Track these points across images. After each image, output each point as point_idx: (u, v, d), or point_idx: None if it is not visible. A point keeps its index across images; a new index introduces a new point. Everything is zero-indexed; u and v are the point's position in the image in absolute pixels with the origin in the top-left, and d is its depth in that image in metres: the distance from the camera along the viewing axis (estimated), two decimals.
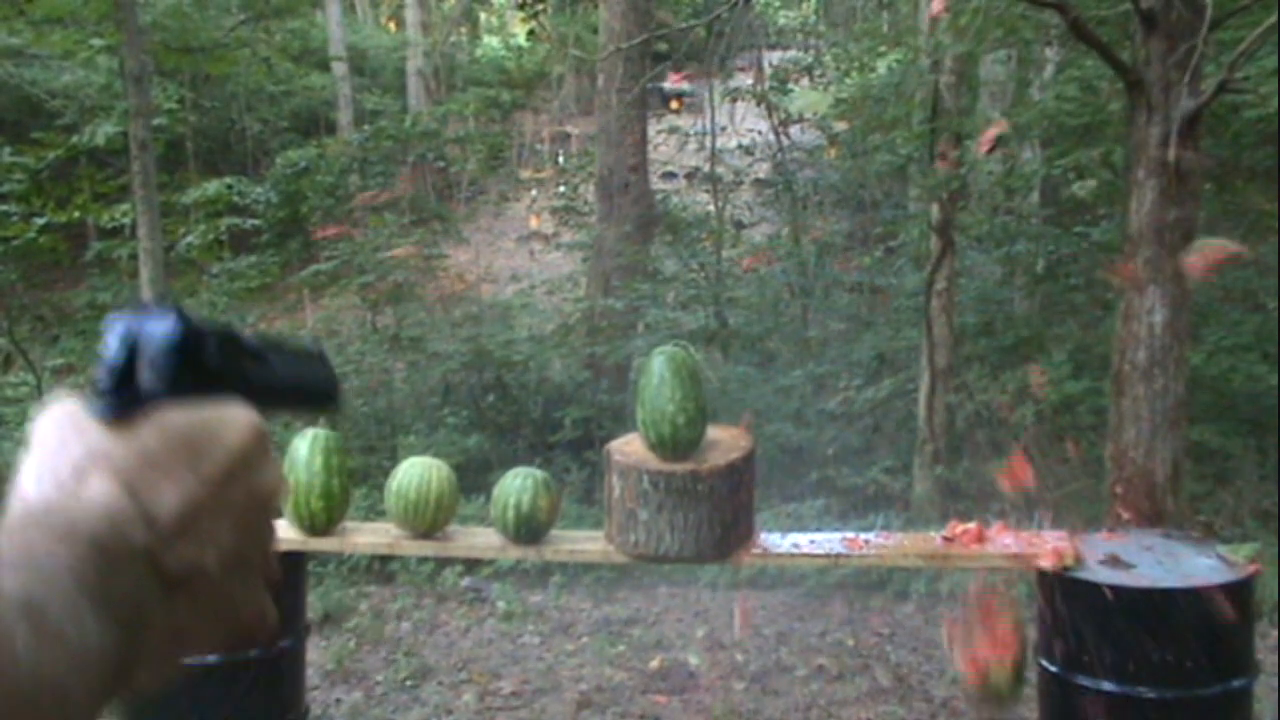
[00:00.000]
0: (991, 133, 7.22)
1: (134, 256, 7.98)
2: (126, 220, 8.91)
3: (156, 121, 8.82)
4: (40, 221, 8.62)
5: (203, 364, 0.58)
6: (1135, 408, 4.73)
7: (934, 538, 3.85)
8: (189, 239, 9.50)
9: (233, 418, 0.58)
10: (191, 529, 0.54)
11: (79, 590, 0.47)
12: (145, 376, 0.56)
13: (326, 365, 0.74)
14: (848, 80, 13.78)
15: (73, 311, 9.97)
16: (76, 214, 8.95)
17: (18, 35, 9.54)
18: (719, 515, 3.61)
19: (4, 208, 8.65)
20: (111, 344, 0.56)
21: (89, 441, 0.55)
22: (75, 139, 9.23)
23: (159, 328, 0.57)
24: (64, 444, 0.55)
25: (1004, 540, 3.72)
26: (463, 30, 22.63)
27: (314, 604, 5.72)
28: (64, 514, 0.51)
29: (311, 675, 4.93)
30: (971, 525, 3.75)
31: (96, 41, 8.93)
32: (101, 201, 9.44)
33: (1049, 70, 10.47)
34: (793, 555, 3.70)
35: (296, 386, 0.69)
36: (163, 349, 0.56)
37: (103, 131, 9.05)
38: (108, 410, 0.55)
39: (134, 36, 7.20)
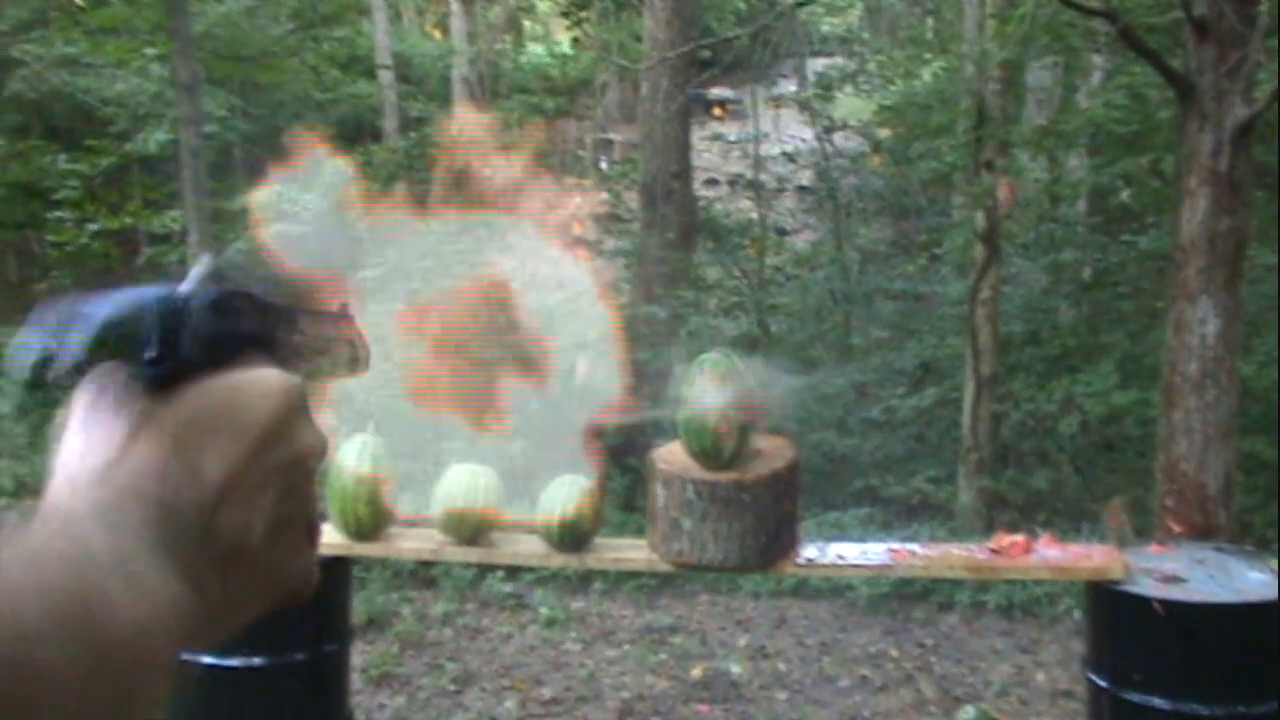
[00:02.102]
0: (1007, 190, 7.22)
1: (184, 262, 8.08)
2: (176, 226, 9.02)
3: (207, 129, 8.93)
4: (93, 227, 8.75)
5: (239, 328, 0.59)
6: (1186, 420, 4.67)
7: (981, 549, 3.81)
8: (237, 245, 9.59)
9: (271, 380, 0.59)
10: (237, 493, 0.55)
11: (153, 547, 0.48)
12: (184, 343, 0.57)
13: (355, 327, 0.75)
14: (892, 87, 13.72)
15: None
16: (128, 220, 9.07)
17: (73, 45, 9.70)
18: (763, 525, 3.60)
19: (59, 214, 8.79)
20: (151, 311, 0.57)
21: (134, 409, 0.55)
22: (128, 146, 9.37)
23: (199, 294, 0.57)
24: (110, 412, 0.56)
25: (1052, 552, 3.68)
26: (507, 38, 22.75)
27: (357, 608, 5.76)
28: (125, 476, 0.52)
29: (355, 680, 4.97)
30: (1019, 537, 3.71)
31: (150, 51, 9.06)
32: (152, 208, 9.56)
33: (1096, 77, 10.38)
34: (838, 566, 3.68)
35: (328, 348, 0.71)
36: (202, 315, 0.57)
37: (154, 139, 9.19)
38: (150, 377, 0.56)
39: (186, 46, 7.29)
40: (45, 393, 0.56)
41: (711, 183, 16.10)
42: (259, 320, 0.61)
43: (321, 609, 3.92)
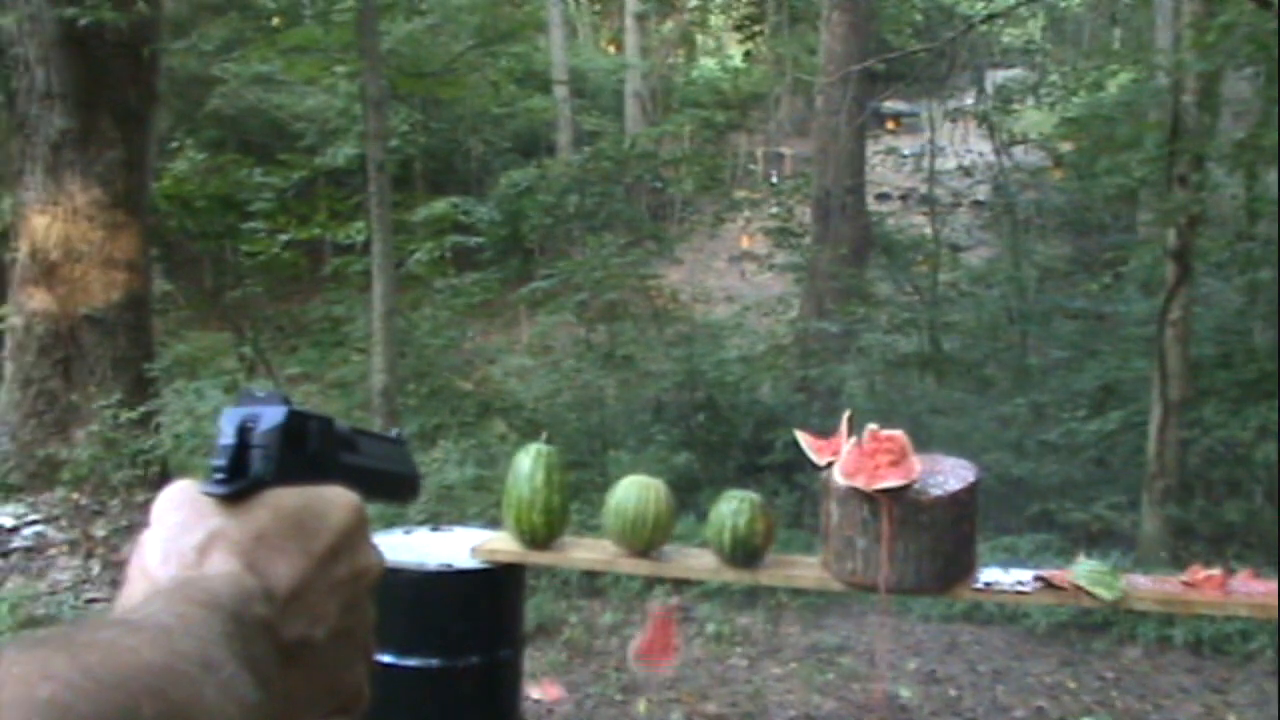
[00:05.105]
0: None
1: (366, 272, 8.37)
2: (360, 237, 9.36)
3: (391, 144, 9.24)
4: (284, 238, 9.14)
5: (306, 449, 0.63)
6: None
7: (1172, 581, 3.64)
8: (417, 256, 9.89)
9: (336, 498, 0.62)
10: (303, 603, 0.58)
11: (234, 654, 0.50)
12: (256, 460, 0.61)
13: (408, 454, 0.80)
14: (1075, 99, 13.30)
15: (309, 323, 10.54)
16: (316, 231, 9.45)
17: (269, 63, 10.17)
18: (940, 547, 3.51)
19: (253, 224, 9.21)
20: (226, 430, 0.61)
21: (208, 521, 0.59)
22: (318, 160, 9.77)
23: (269, 416, 0.62)
24: (185, 524, 0.59)
25: (1250, 588, 3.49)
26: (680, 52, 22.90)
27: (528, 615, 5.84)
28: (202, 586, 0.55)
29: (525, 685, 5.03)
30: (1215, 571, 3.53)
31: (339, 69, 9.43)
32: (337, 219, 9.93)
33: None
34: (1018, 594, 3.56)
35: (383, 472, 0.75)
36: (272, 435, 0.61)
37: (342, 154, 9.56)
38: (223, 491, 0.60)
39: (374, 63, 7.56)
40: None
41: (884, 197, 15.89)
42: (326, 443, 0.66)
43: (497, 615, 4.00)
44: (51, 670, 0.42)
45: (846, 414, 3.77)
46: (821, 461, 3.66)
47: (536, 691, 5.35)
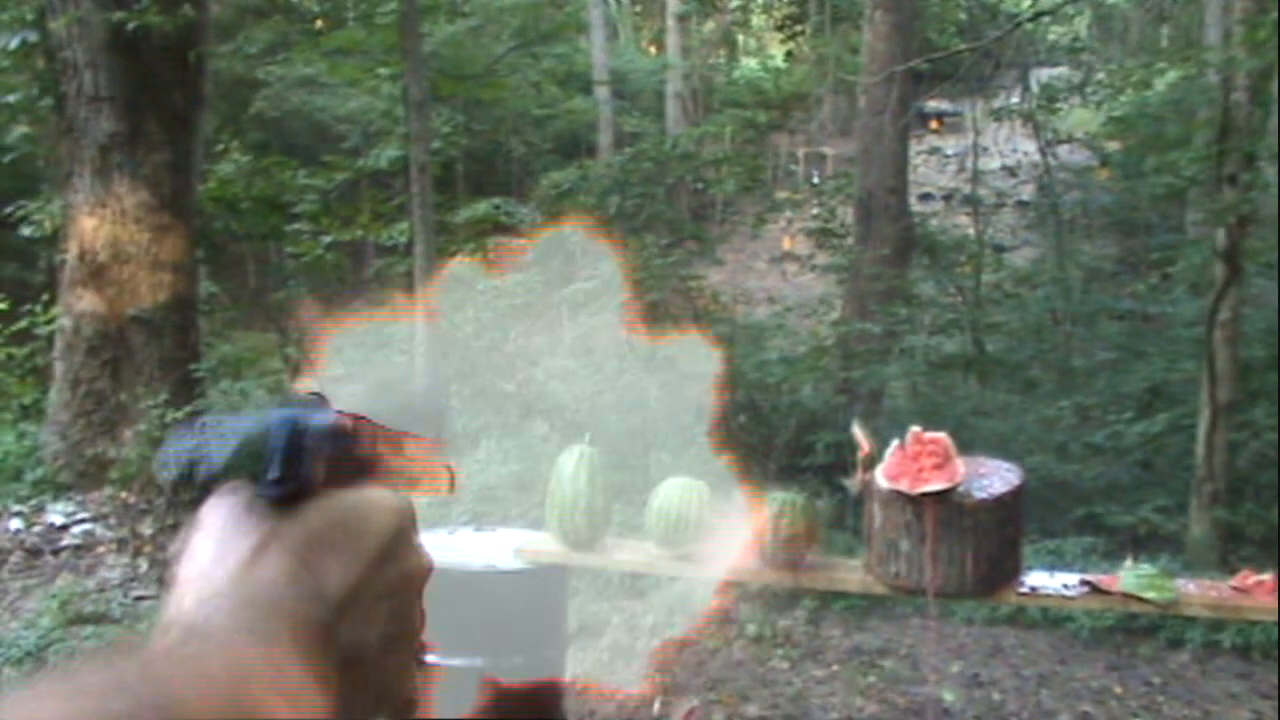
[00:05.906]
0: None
1: (409, 273, 8.41)
2: (402, 239, 9.40)
3: (433, 145, 9.28)
4: (327, 239, 9.21)
5: (354, 451, 0.63)
6: None
7: (1222, 585, 3.59)
8: (459, 257, 9.93)
9: (386, 501, 0.62)
10: (356, 607, 0.57)
11: (298, 658, 0.51)
12: (306, 463, 0.60)
13: (447, 453, 0.79)
14: (1122, 98, 13.14)
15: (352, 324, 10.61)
16: (359, 232, 9.51)
17: (312, 66, 10.25)
18: (985, 550, 3.49)
19: (297, 226, 9.29)
20: (276, 433, 0.61)
21: (260, 524, 0.58)
22: (361, 162, 9.84)
23: (318, 419, 0.61)
24: (238, 527, 0.59)
25: None
26: (721, 52, 22.87)
27: (570, 616, 5.85)
28: (261, 591, 0.55)
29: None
30: (1266, 576, 3.47)
31: (383, 71, 9.49)
32: (380, 221, 9.99)
33: None
34: (1064, 598, 3.53)
35: (425, 473, 0.74)
36: (322, 438, 0.61)
37: (385, 155, 9.62)
38: (274, 494, 0.59)
39: (417, 65, 7.60)
40: (190, 491, 0.61)
41: (926, 197, 15.78)
42: (371, 444, 0.66)
43: (540, 615, 4.01)
44: (124, 685, 0.43)
45: (854, 423, 3.76)
46: (862, 480, 3.65)
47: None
